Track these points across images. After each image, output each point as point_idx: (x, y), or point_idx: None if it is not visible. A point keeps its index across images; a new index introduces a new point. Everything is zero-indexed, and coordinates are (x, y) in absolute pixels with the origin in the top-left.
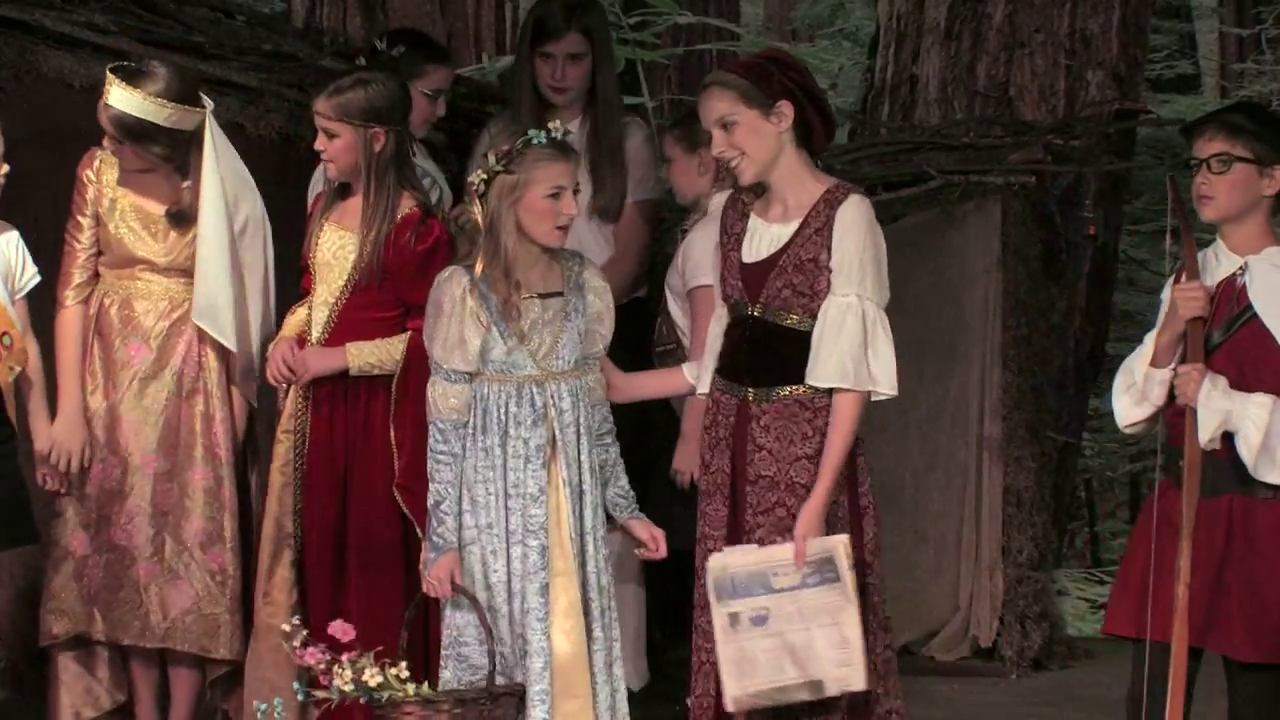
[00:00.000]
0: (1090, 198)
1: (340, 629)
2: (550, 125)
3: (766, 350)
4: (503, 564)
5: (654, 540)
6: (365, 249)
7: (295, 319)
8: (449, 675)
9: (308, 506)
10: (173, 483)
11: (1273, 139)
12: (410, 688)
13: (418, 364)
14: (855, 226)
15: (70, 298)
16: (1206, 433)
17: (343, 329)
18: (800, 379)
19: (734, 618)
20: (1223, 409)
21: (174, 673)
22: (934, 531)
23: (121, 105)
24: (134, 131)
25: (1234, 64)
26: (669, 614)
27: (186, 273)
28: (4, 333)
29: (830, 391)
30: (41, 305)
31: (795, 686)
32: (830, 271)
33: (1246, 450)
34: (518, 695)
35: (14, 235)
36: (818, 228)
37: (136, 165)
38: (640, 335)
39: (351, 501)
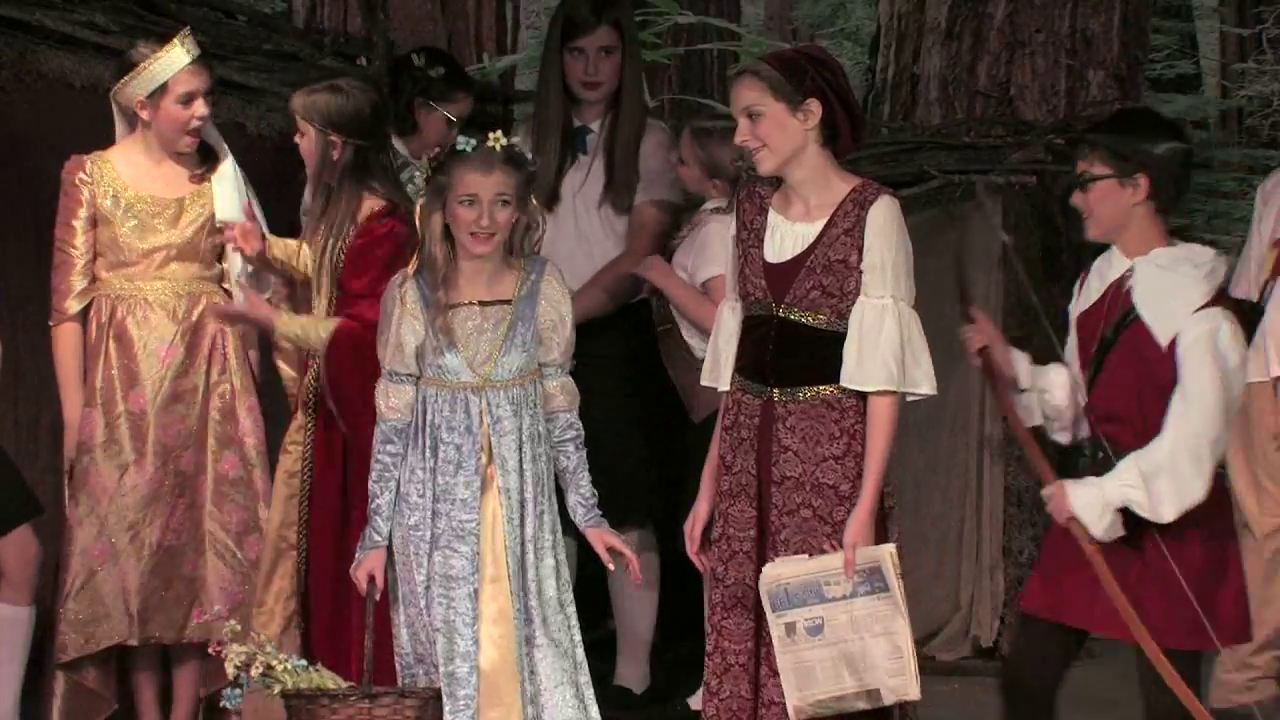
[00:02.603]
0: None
1: (219, 613)
2: (491, 135)
3: (792, 350)
4: (425, 567)
5: (608, 554)
6: (326, 252)
7: (285, 244)
8: (418, 673)
9: (314, 518)
10: (206, 475)
11: (1129, 150)
12: (293, 679)
13: (342, 348)
14: (887, 227)
15: (73, 307)
16: (1101, 530)
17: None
18: (827, 379)
19: (790, 628)
20: (1099, 504)
21: (177, 672)
22: (935, 532)
23: (199, 46)
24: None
25: (1235, 64)
26: (668, 615)
27: (202, 260)
28: None
29: (857, 392)
30: (41, 307)
31: (853, 695)
32: (857, 272)
33: (1145, 513)
34: (420, 697)
35: None
36: (846, 228)
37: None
38: (647, 339)
39: (354, 513)
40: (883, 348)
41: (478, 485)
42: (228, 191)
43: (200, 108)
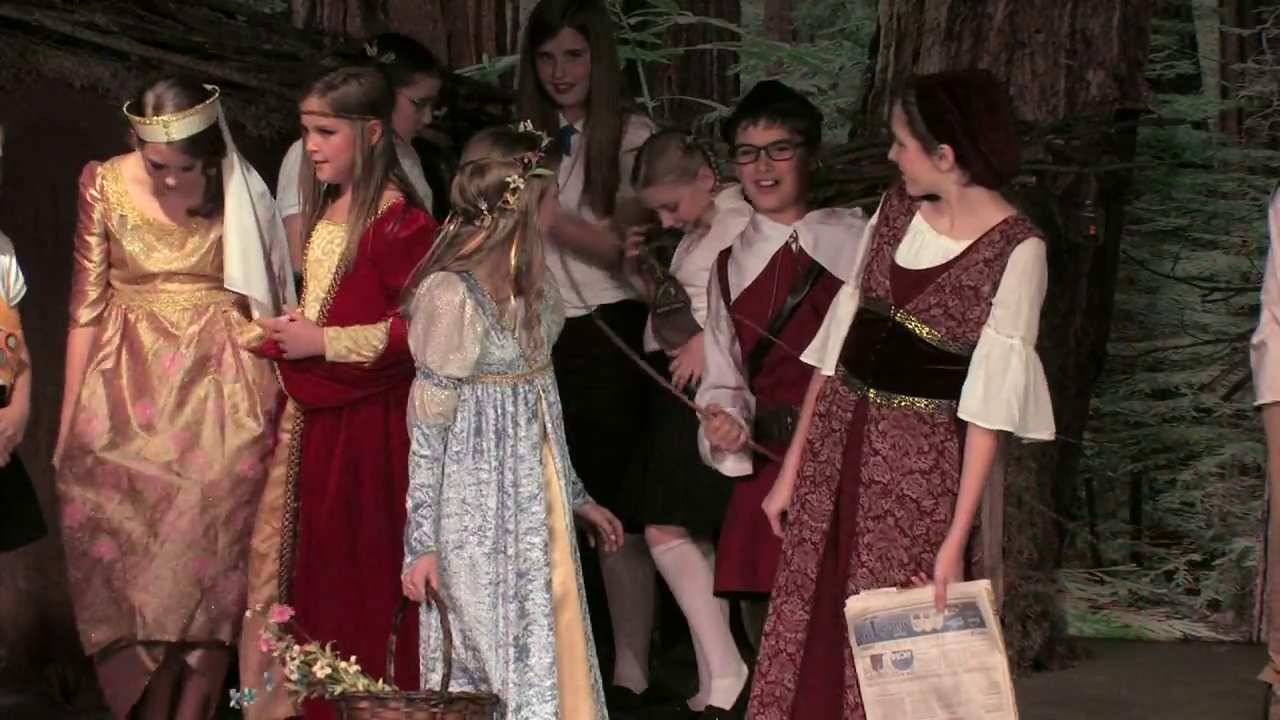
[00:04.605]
0: (1091, 198)
1: (278, 612)
2: (526, 126)
3: (898, 357)
4: (494, 567)
5: (610, 524)
6: (351, 240)
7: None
8: (436, 679)
9: (306, 504)
10: (219, 475)
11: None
12: (362, 682)
13: (399, 349)
14: (1031, 269)
15: (85, 315)
16: None
17: (335, 321)
18: (924, 392)
19: (876, 660)
20: None
21: (189, 663)
22: None
23: (190, 130)
24: (204, 145)
25: (1234, 64)
26: (668, 614)
27: (209, 277)
28: (9, 334)
29: (951, 411)
30: (39, 308)
31: None
32: (988, 303)
33: None
34: (486, 703)
35: (8, 244)
36: (988, 258)
37: (192, 181)
38: (631, 339)
39: (351, 496)
40: (1007, 388)
41: (541, 474)
42: (235, 252)
43: (169, 178)
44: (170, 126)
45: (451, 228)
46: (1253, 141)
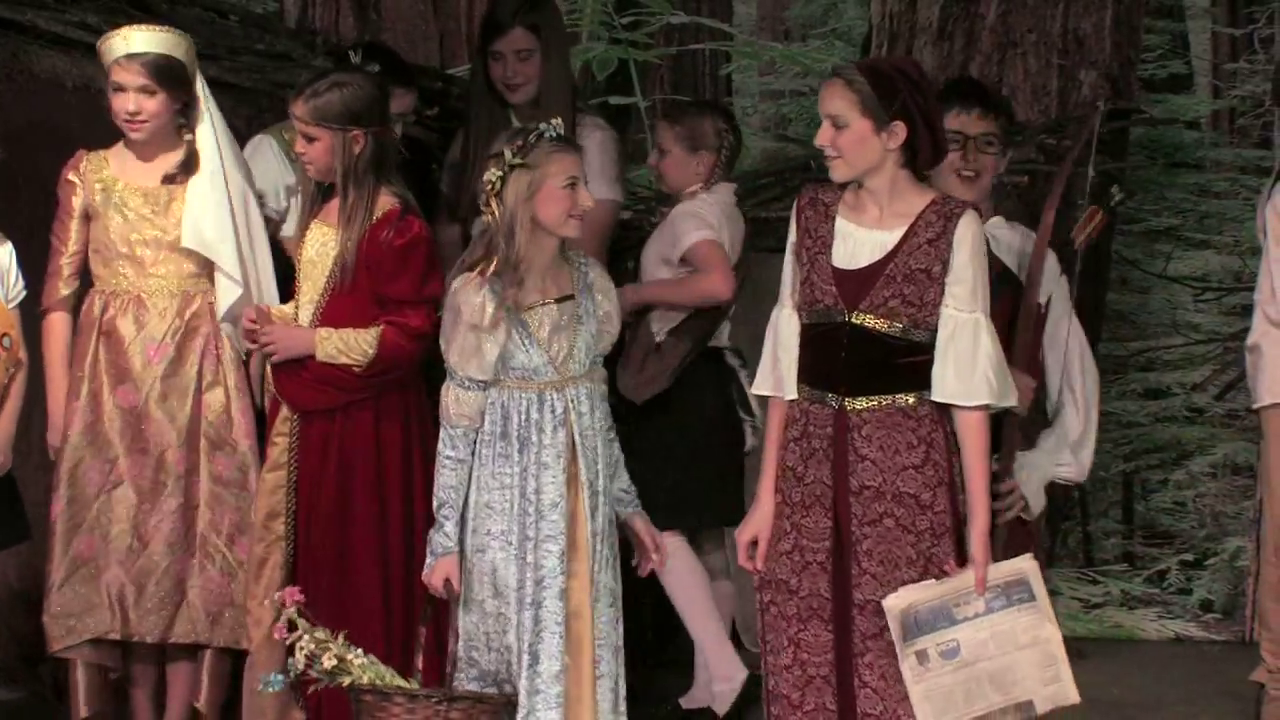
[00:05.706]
0: (1084, 198)
1: (288, 595)
2: (552, 122)
3: (865, 357)
4: (513, 571)
5: (654, 541)
6: (345, 248)
7: (280, 309)
8: (461, 679)
9: (302, 509)
10: (199, 476)
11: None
12: (369, 674)
13: (389, 358)
14: (976, 243)
15: (60, 291)
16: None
17: (327, 323)
18: (900, 387)
19: (921, 655)
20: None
21: (172, 668)
22: None
23: (149, 46)
24: (166, 74)
25: (1227, 64)
26: (663, 614)
27: (195, 256)
28: (3, 334)
29: (932, 401)
30: (32, 307)
31: (1000, 711)
32: (940, 284)
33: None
34: (493, 703)
35: (9, 246)
36: (930, 238)
37: (158, 123)
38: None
39: (355, 502)
40: (981, 364)
41: (564, 482)
42: (188, 214)
43: (128, 102)
44: (131, 38)
45: (482, 223)
46: (1245, 141)
